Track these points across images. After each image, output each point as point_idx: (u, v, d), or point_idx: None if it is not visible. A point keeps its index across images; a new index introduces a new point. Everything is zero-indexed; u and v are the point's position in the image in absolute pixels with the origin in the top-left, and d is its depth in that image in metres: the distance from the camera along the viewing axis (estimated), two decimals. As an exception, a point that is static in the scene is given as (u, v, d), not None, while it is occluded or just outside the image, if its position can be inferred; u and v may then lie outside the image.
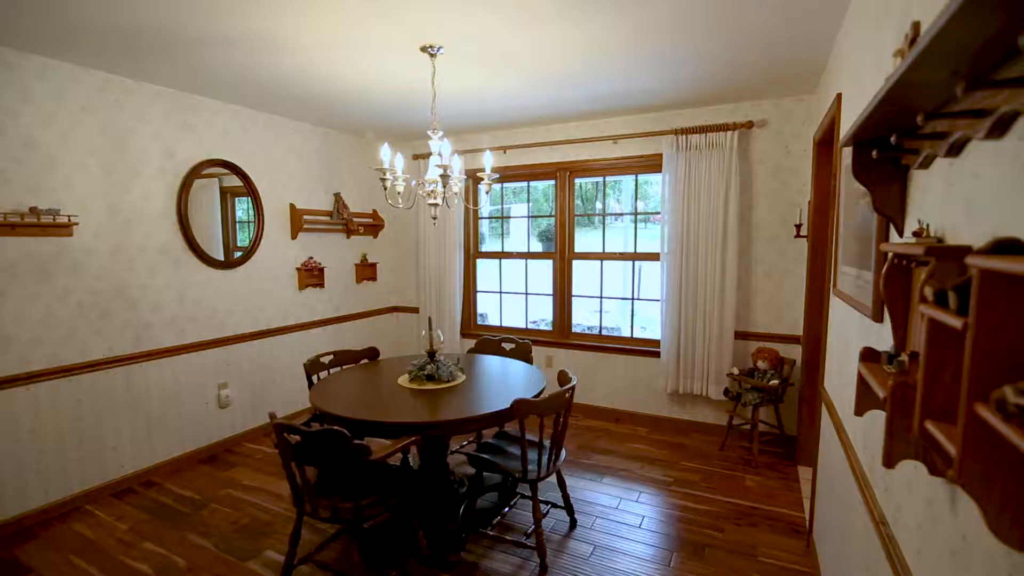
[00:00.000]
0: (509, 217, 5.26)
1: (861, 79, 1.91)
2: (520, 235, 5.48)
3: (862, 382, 1.25)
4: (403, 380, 2.81)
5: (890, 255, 1.21)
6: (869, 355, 1.23)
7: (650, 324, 4.47)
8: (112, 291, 3.10)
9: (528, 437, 2.86)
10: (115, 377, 3.14)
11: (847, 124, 2.17)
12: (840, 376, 2.04)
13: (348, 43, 2.60)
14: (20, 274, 2.72)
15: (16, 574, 2.42)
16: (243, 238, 3.90)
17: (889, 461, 1.00)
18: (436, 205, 2.69)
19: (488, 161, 2.74)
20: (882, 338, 1.45)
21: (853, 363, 1.84)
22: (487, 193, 2.78)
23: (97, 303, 3.04)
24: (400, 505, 2.23)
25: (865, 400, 1.26)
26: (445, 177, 2.48)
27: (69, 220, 2.84)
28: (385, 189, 2.60)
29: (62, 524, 2.82)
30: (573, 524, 2.78)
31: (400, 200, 2.80)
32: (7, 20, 2.31)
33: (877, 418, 1.42)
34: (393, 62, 2.85)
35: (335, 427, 1.99)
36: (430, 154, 4.64)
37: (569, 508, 2.78)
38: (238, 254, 3.83)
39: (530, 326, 4.97)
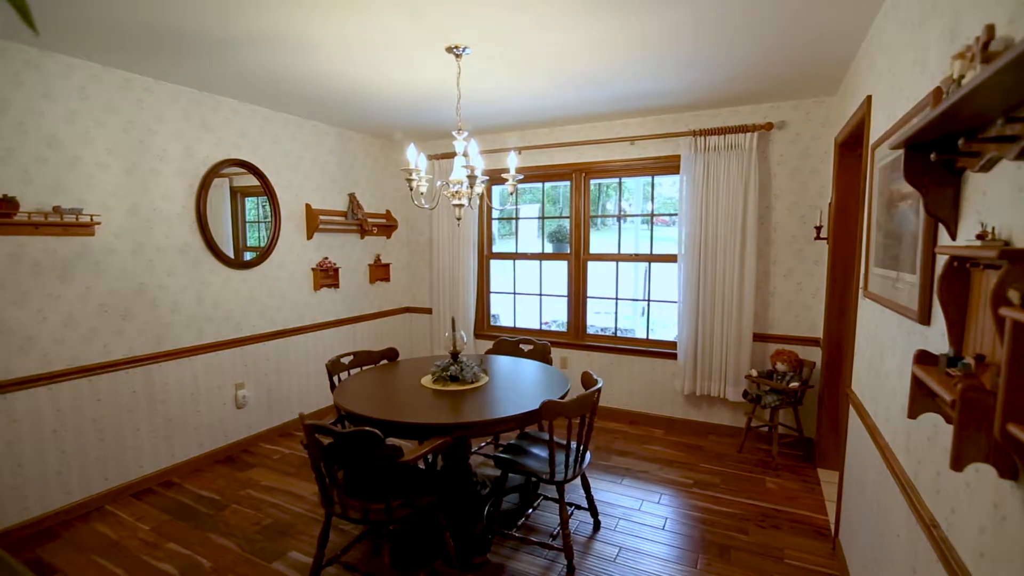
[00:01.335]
0: (519, 218, 5.26)
1: (897, 81, 1.90)
2: (530, 236, 5.49)
3: (917, 385, 1.25)
4: (426, 381, 2.81)
5: (947, 258, 1.21)
6: (924, 358, 1.23)
7: (662, 325, 4.47)
8: (132, 291, 3.10)
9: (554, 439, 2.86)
10: (135, 377, 3.13)
11: (877, 126, 2.17)
12: (874, 379, 2.04)
13: (372, 44, 2.60)
14: (43, 274, 2.71)
15: (41, 575, 2.41)
16: (252, 238, 3.88)
17: (958, 464, 1.00)
18: (461, 206, 2.68)
19: (513, 162, 2.74)
20: (928, 340, 1.45)
21: (889, 366, 1.84)
22: (511, 194, 2.78)
23: (118, 303, 3.03)
24: (430, 506, 2.23)
25: (920, 403, 1.25)
26: (472, 178, 2.47)
27: (92, 220, 2.83)
28: (411, 190, 2.59)
29: (84, 524, 2.81)
30: (597, 526, 2.78)
31: (424, 201, 2.79)
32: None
33: (926, 421, 1.42)
34: (417, 63, 2.84)
35: (367, 428, 1.98)
36: (449, 154, 4.68)
37: (593, 510, 2.77)
38: (248, 255, 3.80)
39: (542, 327, 4.96)
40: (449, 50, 2.64)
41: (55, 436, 2.79)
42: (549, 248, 5.82)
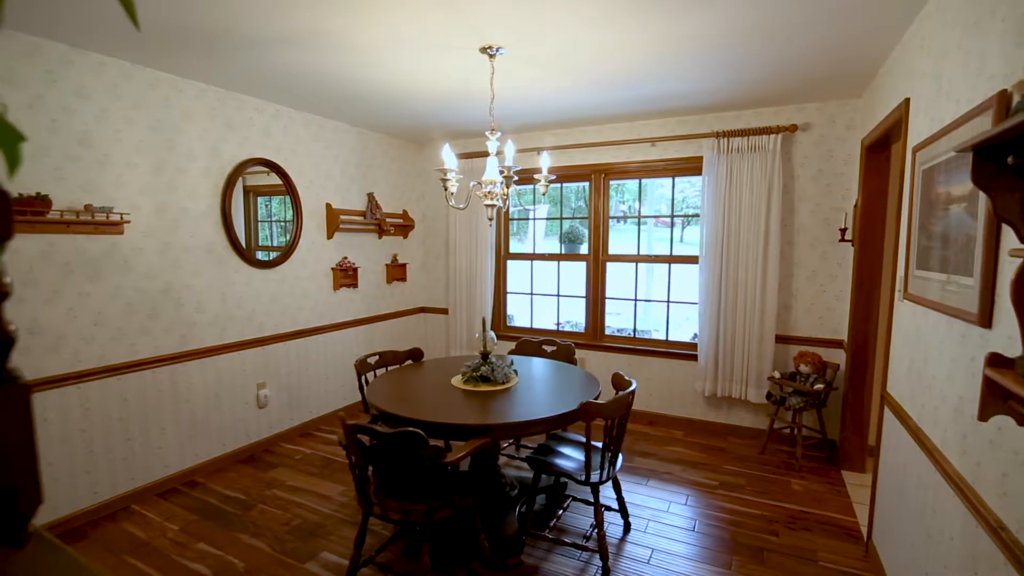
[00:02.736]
0: (535, 219, 5.26)
1: (943, 84, 1.91)
2: (539, 236, 5.49)
3: (989, 388, 1.25)
4: (456, 381, 2.80)
5: (1021, 260, 1.21)
6: (997, 361, 1.23)
7: (673, 326, 4.47)
8: (159, 290, 3.09)
9: (581, 439, 2.86)
10: (160, 376, 3.12)
11: (918, 129, 2.17)
12: (916, 381, 2.04)
13: (404, 43, 2.59)
14: (74, 272, 2.70)
15: None
16: (263, 237, 3.86)
17: (1049, 467, 1.00)
18: (494, 206, 2.68)
19: (545, 162, 2.74)
20: (989, 343, 1.45)
21: (936, 368, 1.84)
22: (544, 194, 2.78)
23: (145, 302, 3.02)
24: (468, 507, 2.22)
25: (991, 406, 1.25)
26: (508, 178, 2.47)
27: (121, 218, 2.82)
28: (446, 190, 2.59)
29: (111, 524, 2.80)
30: (627, 527, 2.78)
31: (456, 200, 2.79)
32: (64, 17, 2.30)
33: (988, 424, 1.42)
34: (448, 62, 2.84)
35: (411, 428, 1.97)
36: (473, 154, 4.66)
37: (624, 511, 2.77)
38: (259, 254, 3.73)
39: (559, 327, 4.96)
40: (483, 50, 2.64)
41: (83, 435, 2.78)
42: (561, 249, 5.83)
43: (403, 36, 2.50)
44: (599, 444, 2.65)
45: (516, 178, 2.83)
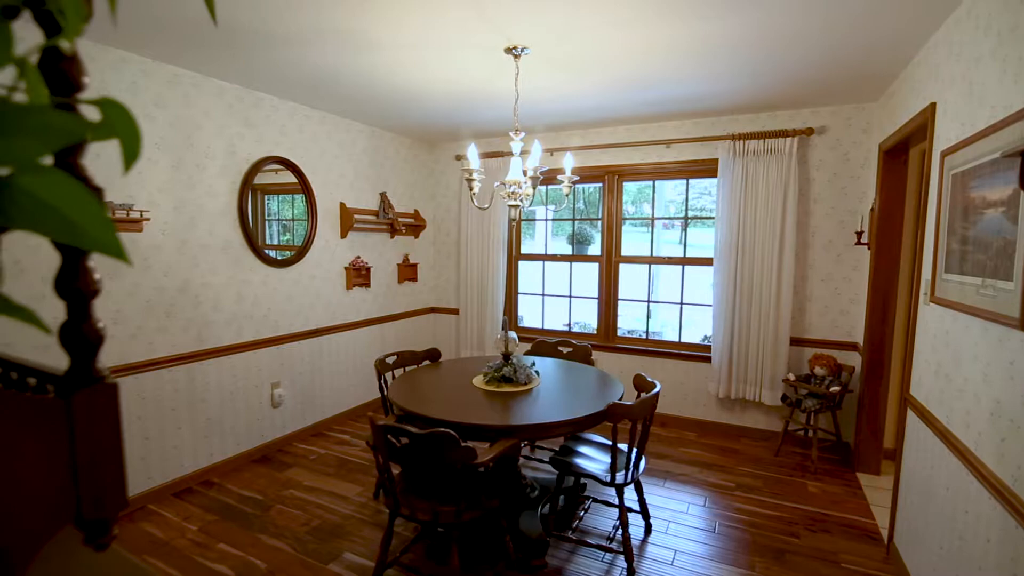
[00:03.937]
0: (547, 219, 5.26)
1: (975, 89, 1.92)
2: (549, 237, 5.50)
3: (1040, 391, 1.26)
4: (478, 381, 2.80)
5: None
6: (1049, 364, 1.24)
7: (672, 327, 4.48)
8: (176, 288, 3.07)
9: (601, 440, 2.86)
10: (177, 375, 3.10)
11: (947, 134, 2.18)
12: (945, 384, 2.05)
13: (429, 43, 2.58)
14: (95, 270, 2.67)
15: None
16: (269, 235, 3.79)
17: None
18: (517, 206, 2.68)
19: (569, 163, 2.74)
20: (1031, 347, 1.46)
21: (969, 371, 1.85)
22: (567, 195, 2.78)
23: (162, 300, 3.00)
24: (496, 508, 2.22)
25: (1042, 409, 1.27)
26: (535, 178, 2.47)
27: (141, 215, 2.80)
28: (471, 190, 2.59)
29: (129, 524, 2.78)
30: (648, 529, 2.78)
31: (479, 201, 2.79)
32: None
33: (1033, 427, 1.43)
34: (471, 62, 2.84)
35: (443, 429, 1.97)
36: (492, 154, 4.65)
37: (645, 512, 2.77)
38: (266, 252, 3.64)
39: (571, 328, 4.96)
40: (508, 50, 2.63)
41: (102, 434, 2.75)
42: (568, 250, 5.83)
43: (429, 35, 2.50)
44: (622, 446, 2.66)
45: (541, 178, 2.84)
